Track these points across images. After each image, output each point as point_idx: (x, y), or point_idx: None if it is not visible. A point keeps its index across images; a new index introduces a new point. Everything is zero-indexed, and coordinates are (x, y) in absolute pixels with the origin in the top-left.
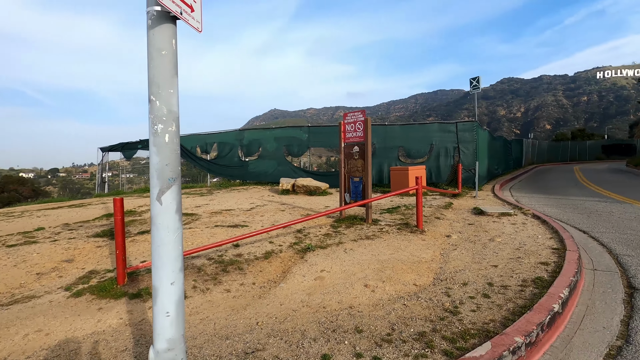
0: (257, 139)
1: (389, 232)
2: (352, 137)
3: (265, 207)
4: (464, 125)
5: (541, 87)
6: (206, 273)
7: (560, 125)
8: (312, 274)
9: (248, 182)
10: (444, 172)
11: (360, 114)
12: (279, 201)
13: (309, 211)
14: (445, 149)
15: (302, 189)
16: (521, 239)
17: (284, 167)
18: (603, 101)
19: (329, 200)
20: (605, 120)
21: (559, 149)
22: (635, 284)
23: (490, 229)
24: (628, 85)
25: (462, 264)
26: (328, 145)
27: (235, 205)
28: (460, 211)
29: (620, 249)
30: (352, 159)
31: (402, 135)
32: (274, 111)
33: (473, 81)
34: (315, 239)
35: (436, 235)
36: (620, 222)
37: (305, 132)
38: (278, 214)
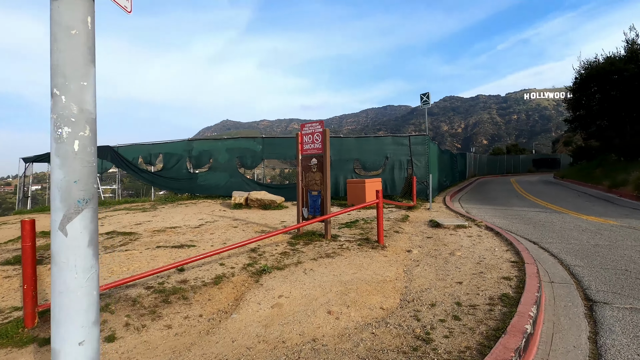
0: (208, 149)
1: (350, 249)
2: (310, 148)
3: (215, 224)
4: (416, 138)
5: (478, 106)
6: (143, 306)
7: (495, 141)
8: (269, 300)
9: (197, 195)
10: (399, 185)
11: (319, 125)
12: (231, 216)
13: (264, 227)
14: (399, 161)
15: (256, 203)
16: (480, 252)
17: (236, 180)
18: (530, 120)
19: (285, 215)
20: (532, 137)
21: (497, 162)
22: (591, 295)
23: (448, 242)
24: (549, 106)
25: (427, 282)
26: (283, 157)
27: (182, 221)
28: (418, 224)
29: (570, 259)
30: (310, 171)
31: (357, 148)
32: (227, 122)
33: (423, 97)
34: (272, 258)
35: (397, 250)
36: (563, 232)
37: (259, 143)
38: (230, 231)
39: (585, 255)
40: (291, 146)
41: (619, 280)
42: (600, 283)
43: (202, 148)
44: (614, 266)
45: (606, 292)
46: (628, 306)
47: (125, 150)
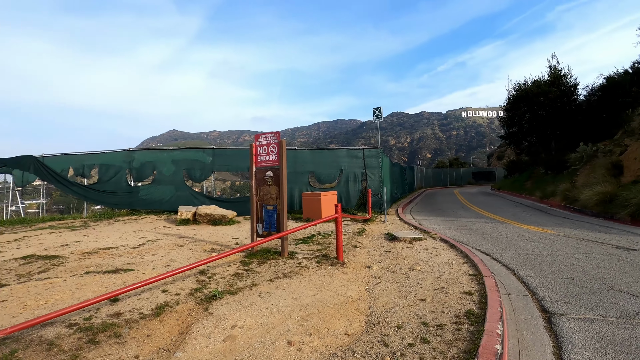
0: (151, 161)
1: (309, 267)
2: (265, 160)
3: (158, 243)
4: (370, 151)
5: (422, 122)
6: (62, 350)
7: (438, 154)
8: (221, 332)
9: (139, 211)
10: (353, 197)
11: (274, 135)
12: (176, 234)
13: (214, 245)
14: (354, 174)
15: (205, 218)
16: (438, 265)
17: (183, 193)
18: (467, 135)
19: (237, 230)
20: (470, 151)
21: (441, 175)
22: (547, 307)
23: (407, 255)
24: (484, 124)
25: (390, 301)
26: (235, 168)
27: (119, 241)
28: (374, 237)
29: (522, 270)
30: (265, 185)
31: (312, 161)
32: (174, 132)
33: (376, 111)
34: (223, 281)
35: (357, 266)
36: (510, 242)
37: (209, 154)
38: (175, 251)
39: (534, 265)
40: (244, 158)
41: (567, 289)
42: (553, 293)
43: (144, 159)
44: (560, 275)
45: (559, 302)
46: (582, 316)
47: (52, 160)
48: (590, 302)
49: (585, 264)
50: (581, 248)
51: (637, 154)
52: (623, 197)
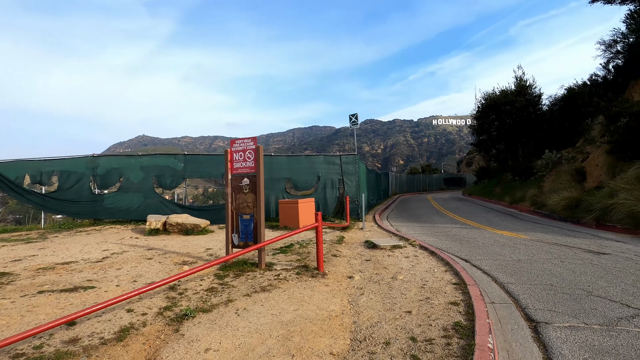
0: (118, 167)
1: (288, 279)
2: (241, 167)
3: (124, 256)
4: (347, 158)
5: (395, 129)
6: None
7: (410, 161)
8: (193, 356)
9: (103, 221)
10: (331, 204)
11: (251, 141)
12: (144, 245)
13: (186, 257)
14: (331, 180)
15: (176, 228)
16: (421, 274)
17: (152, 202)
18: (438, 143)
19: (211, 240)
20: (440, 158)
21: (414, 181)
22: (532, 315)
23: (388, 264)
24: (453, 132)
25: (375, 314)
26: (207, 175)
27: (80, 254)
28: (354, 245)
29: (502, 276)
30: (242, 192)
31: (289, 167)
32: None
33: (352, 117)
34: (196, 297)
35: (338, 277)
36: (487, 248)
37: (181, 160)
38: (143, 265)
39: (513, 272)
40: (218, 164)
41: (549, 296)
42: (536, 301)
43: (110, 165)
44: (540, 281)
45: (544, 310)
46: (567, 324)
47: (5, 167)
48: (573, 309)
49: (562, 269)
50: (555, 253)
51: (598, 161)
52: (588, 202)
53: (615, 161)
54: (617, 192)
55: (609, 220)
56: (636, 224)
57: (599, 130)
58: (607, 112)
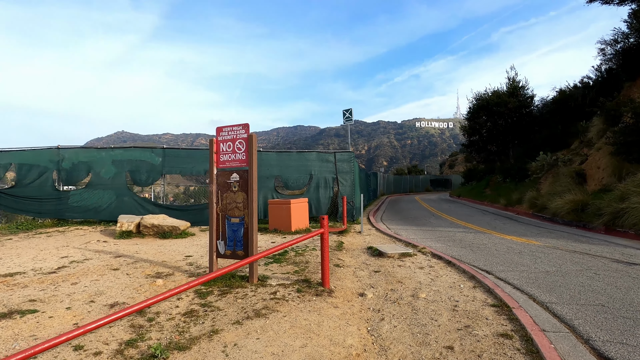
0: (86, 161)
1: (287, 299)
2: (230, 160)
3: (86, 265)
4: (342, 155)
5: (379, 130)
6: None
7: (394, 162)
8: None
9: (69, 221)
10: (324, 205)
11: (242, 128)
12: (113, 251)
13: (161, 267)
14: (325, 179)
15: (152, 230)
16: (446, 291)
17: (126, 200)
18: (421, 145)
19: (191, 245)
20: (423, 160)
21: (401, 182)
22: (602, 351)
23: (402, 277)
24: (436, 134)
25: (407, 351)
26: (189, 171)
27: (32, 262)
28: (356, 252)
29: (540, 294)
30: (230, 191)
31: (279, 164)
32: (122, 134)
33: (346, 113)
34: (170, 325)
35: (347, 294)
36: (504, 257)
37: (159, 154)
38: (106, 278)
39: (548, 287)
40: (200, 159)
41: (608, 321)
42: (596, 329)
43: (77, 159)
44: (586, 300)
45: (614, 343)
46: None
47: None
48: None
49: (602, 284)
50: (582, 263)
51: (599, 163)
52: (596, 205)
53: (621, 163)
54: (628, 195)
55: (620, 225)
56: None
57: (596, 131)
58: (613, 112)
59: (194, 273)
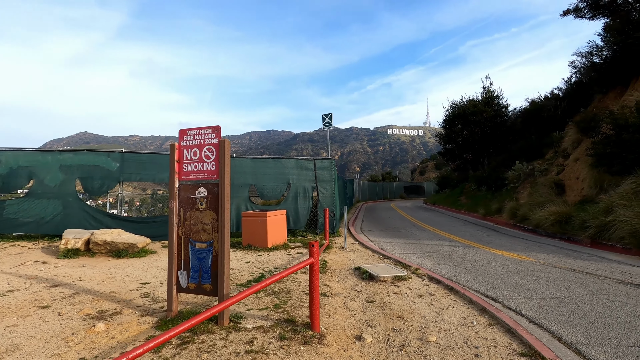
0: (28, 166)
1: (268, 352)
2: (196, 171)
3: (6, 300)
4: (322, 163)
5: (352, 136)
6: None
7: (366, 168)
8: None
9: (5, 235)
10: (303, 216)
11: (212, 132)
12: (50, 277)
13: (107, 301)
14: (304, 188)
15: (104, 248)
16: (458, 331)
17: (75, 211)
18: (392, 151)
19: (150, 268)
20: (394, 166)
21: (376, 189)
22: None
23: (401, 310)
24: (407, 141)
25: None
26: (151, 178)
27: None
28: (342, 274)
29: (563, 331)
30: (195, 209)
31: (253, 171)
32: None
33: (326, 117)
34: None
35: (342, 339)
36: (503, 278)
37: (116, 159)
38: (29, 321)
39: (568, 321)
40: (167, 165)
41: None
42: None
43: (16, 163)
44: (618, 340)
45: None
46: None
47: None
48: None
49: (623, 315)
50: (589, 286)
51: (578, 174)
52: (581, 218)
53: (602, 174)
54: (614, 208)
55: (607, 238)
56: None
57: (570, 142)
58: (588, 123)
59: (148, 310)
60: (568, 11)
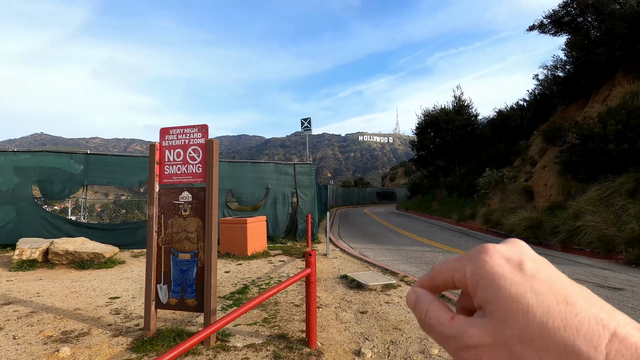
0: None
1: None
2: (180, 173)
3: None
4: (302, 167)
5: (324, 142)
6: None
7: (338, 174)
8: None
9: None
10: (282, 223)
11: (198, 131)
12: (1, 293)
13: (71, 320)
14: (283, 194)
15: (66, 259)
16: None
17: (31, 218)
18: (363, 158)
19: (120, 280)
20: (365, 172)
21: (349, 194)
22: None
23: (397, 320)
24: (377, 148)
25: None
26: (119, 182)
27: None
28: (329, 283)
29: None
30: (178, 215)
31: (231, 175)
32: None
33: (304, 122)
34: None
35: (340, 356)
36: None
37: (81, 161)
38: None
39: None
40: (136, 167)
41: None
42: None
43: None
44: None
45: None
46: None
47: None
48: None
49: None
50: None
51: (546, 181)
52: (552, 223)
53: (569, 181)
54: (582, 213)
55: (577, 243)
56: (608, 248)
57: (537, 150)
58: (552, 133)
59: (120, 329)
60: (534, 26)
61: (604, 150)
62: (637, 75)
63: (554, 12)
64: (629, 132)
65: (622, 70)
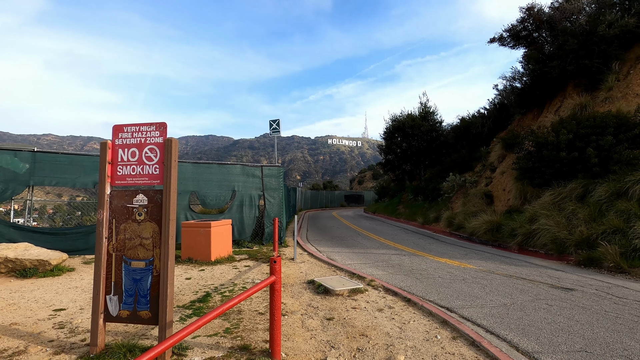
0: None
1: None
2: (135, 175)
3: None
4: (270, 170)
5: (293, 145)
6: None
7: (307, 177)
8: None
9: None
10: (248, 226)
11: (155, 129)
12: None
13: (7, 336)
14: (250, 197)
15: (5, 267)
16: (425, 348)
17: None
18: (332, 161)
19: (68, 290)
20: (334, 175)
21: (318, 197)
22: None
23: (363, 327)
24: (346, 151)
25: None
26: (71, 183)
27: None
28: (296, 289)
29: (518, 339)
30: (132, 220)
31: (195, 177)
32: None
33: (273, 124)
34: None
35: None
36: (452, 286)
37: (27, 159)
38: None
39: (519, 328)
40: (92, 167)
41: None
42: None
43: None
44: (566, 346)
45: None
46: None
47: None
48: None
49: (563, 319)
50: (528, 291)
51: (505, 186)
52: (509, 226)
53: (525, 186)
54: (537, 217)
55: (532, 245)
56: (560, 250)
57: (496, 156)
58: (511, 140)
59: (64, 346)
60: (494, 39)
61: (557, 157)
62: (585, 89)
63: (512, 26)
64: (579, 141)
65: (573, 83)
